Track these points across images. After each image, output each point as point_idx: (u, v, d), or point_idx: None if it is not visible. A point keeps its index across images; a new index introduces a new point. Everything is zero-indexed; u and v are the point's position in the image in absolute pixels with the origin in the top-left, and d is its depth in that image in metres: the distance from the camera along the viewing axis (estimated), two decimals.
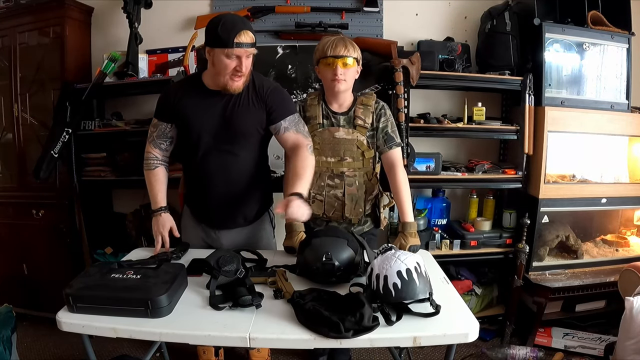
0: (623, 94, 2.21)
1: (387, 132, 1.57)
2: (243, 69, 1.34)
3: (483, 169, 2.23)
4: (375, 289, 1.08)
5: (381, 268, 1.09)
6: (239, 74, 1.35)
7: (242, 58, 1.33)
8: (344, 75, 1.48)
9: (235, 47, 1.30)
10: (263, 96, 1.45)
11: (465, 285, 2.28)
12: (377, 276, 1.09)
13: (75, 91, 2.12)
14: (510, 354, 2.03)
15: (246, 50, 1.32)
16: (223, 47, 1.31)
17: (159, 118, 1.51)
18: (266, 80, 1.50)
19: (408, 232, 1.49)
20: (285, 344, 1.10)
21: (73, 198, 2.23)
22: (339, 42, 1.49)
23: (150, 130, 1.54)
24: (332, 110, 1.57)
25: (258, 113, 1.46)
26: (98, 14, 2.36)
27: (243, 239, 1.61)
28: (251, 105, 1.45)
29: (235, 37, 1.29)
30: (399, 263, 1.08)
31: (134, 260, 1.39)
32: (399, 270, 1.06)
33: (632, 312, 1.68)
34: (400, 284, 1.05)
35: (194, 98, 1.45)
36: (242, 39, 1.30)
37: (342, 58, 1.47)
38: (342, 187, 1.56)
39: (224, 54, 1.32)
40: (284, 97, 1.50)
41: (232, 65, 1.33)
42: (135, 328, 1.04)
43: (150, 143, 1.54)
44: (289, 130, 1.47)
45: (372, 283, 1.10)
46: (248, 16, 2.21)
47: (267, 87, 1.47)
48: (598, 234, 2.47)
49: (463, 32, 2.39)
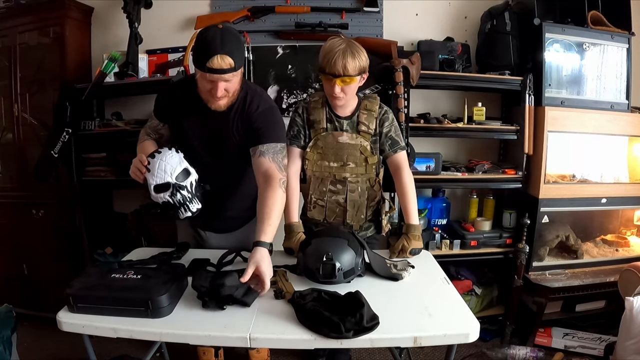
0: (623, 94, 2.21)
1: (391, 137, 1.55)
2: (218, 93, 1.26)
3: (483, 169, 2.23)
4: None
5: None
6: (217, 97, 1.28)
7: (217, 83, 1.24)
8: (341, 92, 1.44)
9: (207, 72, 1.22)
10: (249, 116, 1.37)
11: (465, 285, 2.28)
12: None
13: (75, 91, 2.12)
14: (510, 354, 2.03)
15: (220, 76, 1.23)
16: (197, 67, 1.25)
17: (155, 114, 1.51)
18: (263, 101, 1.40)
19: (412, 235, 1.48)
20: (285, 344, 1.10)
21: (73, 198, 2.23)
22: (339, 58, 1.38)
23: (148, 120, 1.55)
24: (335, 114, 1.55)
25: (237, 136, 1.40)
26: (98, 14, 2.36)
27: (233, 241, 1.59)
28: (233, 127, 1.39)
29: (208, 62, 1.20)
30: None
31: (134, 260, 1.40)
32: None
33: (632, 312, 1.69)
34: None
35: (187, 106, 1.41)
36: (215, 64, 1.20)
37: (341, 77, 1.40)
38: (344, 193, 1.55)
39: (200, 75, 1.26)
40: (274, 122, 1.39)
41: (207, 87, 1.27)
42: (136, 328, 1.04)
43: (143, 129, 1.53)
44: (264, 156, 1.35)
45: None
46: (248, 16, 2.21)
47: (256, 107, 1.37)
48: (598, 234, 2.47)
49: (463, 32, 2.39)
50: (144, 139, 1.49)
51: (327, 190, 1.56)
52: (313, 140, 1.54)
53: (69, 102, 2.11)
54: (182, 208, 1.33)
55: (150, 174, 1.29)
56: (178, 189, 1.31)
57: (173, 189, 1.30)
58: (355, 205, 1.56)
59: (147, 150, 1.37)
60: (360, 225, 1.60)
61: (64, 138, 2.09)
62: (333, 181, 1.55)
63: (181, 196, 1.31)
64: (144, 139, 1.49)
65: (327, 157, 1.54)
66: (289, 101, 2.31)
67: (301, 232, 1.52)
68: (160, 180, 1.29)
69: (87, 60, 2.35)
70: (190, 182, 1.34)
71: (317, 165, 1.55)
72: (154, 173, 1.29)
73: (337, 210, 1.57)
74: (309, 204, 1.60)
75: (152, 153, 1.32)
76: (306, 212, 1.62)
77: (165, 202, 1.32)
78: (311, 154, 1.55)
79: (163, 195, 1.30)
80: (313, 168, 1.56)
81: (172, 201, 1.31)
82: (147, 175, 1.30)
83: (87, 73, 2.30)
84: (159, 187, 1.30)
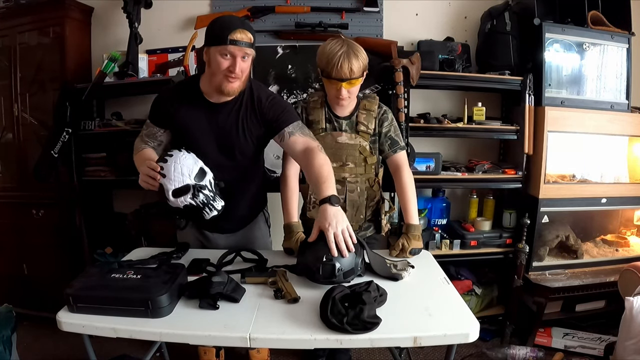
0: (623, 94, 2.21)
1: (391, 137, 1.55)
2: (236, 69, 1.28)
3: (483, 169, 2.23)
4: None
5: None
6: (232, 75, 1.29)
7: (236, 58, 1.27)
8: (348, 94, 1.45)
9: (229, 44, 1.25)
10: (262, 109, 1.40)
11: (465, 285, 2.28)
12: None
13: (75, 91, 2.12)
14: (510, 354, 2.03)
15: (241, 48, 1.26)
16: (217, 44, 1.27)
17: (152, 121, 1.48)
18: (264, 91, 1.44)
19: (412, 235, 1.48)
20: (285, 344, 1.10)
21: (73, 198, 2.23)
22: (344, 61, 1.38)
23: (142, 129, 1.51)
24: (334, 114, 1.55)
25: (255, 128, 1.42)
26: (98, 14, 2.36)
27: (239, 238, 1.61)
28: (249, 120, 1.41)
29: (230, 34, 1.25)
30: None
31: (134, 260, 1.40)
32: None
33: (632, 312, 1.69)
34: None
35: (191, 108, 1.40)
36: (238, 37, 1.25)
37: (347, 81, 1.41)
38: (343, 193, 1.54)
39: (219, 52, 1.27)
40: (285, 107, 1.43)
41: (225, 64, 1.28)
42: (136, 328, 1.04)
43: (138, 138, 1.51)
44: (294, 135, 1.40)
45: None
46: (248, 16, 2.21)
47: (265, 99, 1.41)
48: (598, 234, 2.48)
49: (463, 32, 2.39)
50: (142, 147, 1.46)
51: None
52: None
53: (69, 102, 2.11)
54: (206, 208, 1.31)
55: (166, 179, 1.25)
56: (199, 189, 1.27)
57: (194, 190, 1.27)
58: (355, 205, 1.56)
59: (151, 158, 1.35)
60: (359, 225, 1.60)
61: (64, 138, 2.09)
62: None
63: (204, 196, 1.29)
64: (142, 147, 1.46)
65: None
66: (289, 101, 2.31)
67: (301, 232, 1.51)
68: (179, 184, 1.25)
69: (87, 60, 2.35)
70: (209, 180, 1.32)
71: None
72: (170, 177, 1.24)
73: None
74: (308, 204, 1.60)
75: (162, 157, 1.29)
76: (305, 212, 1.62)
77: (187, 205, 1.28)
78: None
79: (184, 198, 1.26)
80: None
81: (195, 203, 1.28)
82: (163, 181, 1.25)
83: (87, 73, 2.30)
84: (178, 192, 1.26)
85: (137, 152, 1.46)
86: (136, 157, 1.44)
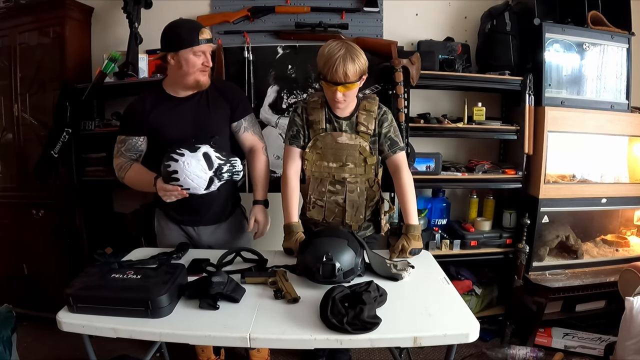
0: (623, 94, 2.21)
1: (390, 137, 1.55)
2: (209, 62, 1.48)
3: (483, 169, 2.23)
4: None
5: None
6: (206, 69, 1.48)
7: (206, 53, 1.47)
8: (343, 97, 1.44)
9: (202, 43, 1.44)
10: (225, 91, 1.59)
11: (465, 285, 2.28)
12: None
13: (75, 91, 2.12)
14: (510, 354, 2.03)
15: (210, 45, 1.48)
16: (190, 46, 1.42)
17: (128, 133, 1.55)
18: (220, 79, 1.64)
19: (411, 235, 1.48)
20: (285, 344, 1.10)
21: (73, 198, 2.23)
22: (340, 65, 1.36)
23: (117, 147, 1.58)
24: (335, 114, 1.54)
25: (225, 110, 1.59)
26: (98, 14, 2.36)
27: (222, 234, 1.66)
28: (218, 103, 1.57)
29: (200, 35, 1.44)
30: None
31: (134, 260, 1.40)
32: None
33: (632, 312, 1.69)
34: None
35: (162, 108, 1.52)
36: (205, 36, 1.46)
37: (342, 85, 1.40)
38: (343, 193, 1.55)
39: (192, 53, 1.44)
40: (242, 95, 1.65)
41: (199, 61, 1.46)
42: (136, 328, 1.04)
43: (117, 157, 1.57)
44: (248, 131, 1.63)
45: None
46: (248, 16, 2.21)
47: (226, 84, 1.65)
48: (598, 234, 2.47)
49: (463, 32, 2.39)
50: (129, 165, 1.55)
51: (326, 190, 1.56)
52: (312, 141, 1.54)
53: (69, 102, 2.10)
54: (234, 177, 1.48)
55: (192, 190, 1.40)
56: (219, 172, 1.41)
57: (216, 175, 1.40)
58: (354, 205, 1.56)
59: (150, 176, 1.46)
60: (359, 225, 1.60)
61: (64, 138, 2.09)
62: (332, 181, 1.55)
63: (226, 170, 1.43)
64: (129, 165, 1.55)
65: (326, 157, 1.54)
66: (289, 101, 2.31)
67: (301, 232, 1.52)
68: (204, 184, 1.39)
69: (87, 60, 2.35)
70: (216, 155, 1.41)
71: (316, 166, 1.56)
72: (193, 186, 1.38)
73: (336, 210, 1.57)
74: (308, 204, 1.60)
75: (169, 177, 1.38)
76: (305, 212, 1.62)
77: (219, 184, 1.44)
78: (310, 154, 1.55)
79: (215, 185, 1.42)
80: (312, 168, 1.56)
81: (224, 180, 1.44)
82: (190, 192, 1.40)
83: (87, 73, 2.30)
84: (207, 187, 1.41)
85: (126, 170, 1.55)
86: (131, 177, 1.54)
